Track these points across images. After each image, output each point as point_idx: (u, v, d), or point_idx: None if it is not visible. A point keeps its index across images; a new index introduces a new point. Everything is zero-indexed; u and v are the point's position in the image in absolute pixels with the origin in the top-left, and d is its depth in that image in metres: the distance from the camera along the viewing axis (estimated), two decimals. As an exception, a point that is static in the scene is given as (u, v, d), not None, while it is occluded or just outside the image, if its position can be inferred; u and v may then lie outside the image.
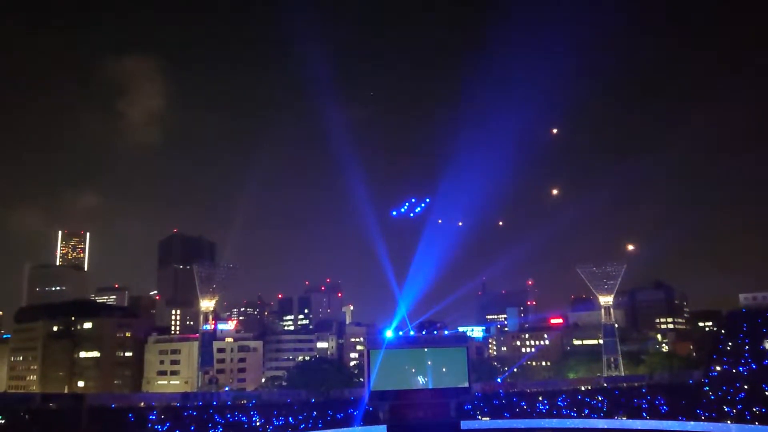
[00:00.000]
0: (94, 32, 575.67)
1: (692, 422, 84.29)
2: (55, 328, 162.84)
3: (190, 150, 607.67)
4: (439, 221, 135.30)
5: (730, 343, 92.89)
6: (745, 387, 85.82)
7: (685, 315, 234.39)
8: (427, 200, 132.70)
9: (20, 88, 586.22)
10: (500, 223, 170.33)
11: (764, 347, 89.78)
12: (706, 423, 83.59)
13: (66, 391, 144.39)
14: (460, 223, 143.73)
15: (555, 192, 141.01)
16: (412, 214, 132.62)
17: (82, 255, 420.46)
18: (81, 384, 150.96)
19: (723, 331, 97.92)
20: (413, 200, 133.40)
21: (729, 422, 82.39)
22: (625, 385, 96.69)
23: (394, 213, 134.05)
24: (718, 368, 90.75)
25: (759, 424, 79.82)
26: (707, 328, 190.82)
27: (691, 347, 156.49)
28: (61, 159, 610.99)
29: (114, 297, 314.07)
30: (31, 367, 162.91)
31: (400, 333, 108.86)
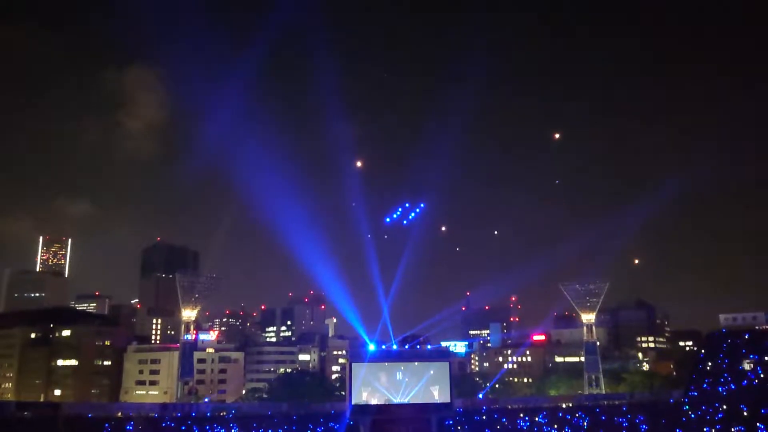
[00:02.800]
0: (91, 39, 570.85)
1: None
2: (32, 335, 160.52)
3: (176, 159, 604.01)
4: (443, 228, 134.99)
5: (710, 363, 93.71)
6: (724, 407, 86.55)
7: (666, 334, 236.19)
8: (422, 206, 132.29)
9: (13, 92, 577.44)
10: (495, 233, 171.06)
11: (743, 368, 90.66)
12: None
13: (42, 399, 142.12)
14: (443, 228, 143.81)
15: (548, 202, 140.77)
16: (405, 221, 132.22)
17: (63, 261, 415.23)
18: (58, 392, 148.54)
19: (703, 351, 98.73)
20: (407, 205, 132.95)
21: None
22: (605, 403, 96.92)
23: (388, 219, 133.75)
24: (698, 388, 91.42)
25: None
26: (687, 348, 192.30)
27: (672, 366, 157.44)
28: (45, 164, 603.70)
29: (94, 305, 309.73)
30: (7, 374, 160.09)
31: (383, 347, 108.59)
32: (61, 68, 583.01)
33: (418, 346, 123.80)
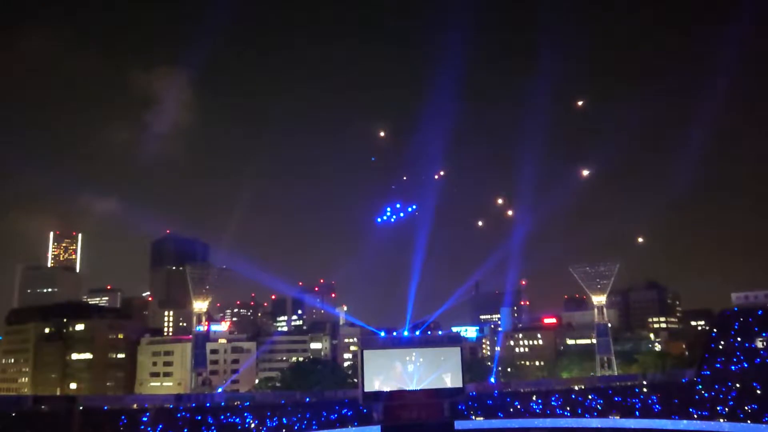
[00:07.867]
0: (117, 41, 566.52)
1: (685, 421, 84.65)
2: (46, 330, 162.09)
3: (184, 151, 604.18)
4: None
5: (722, 342, 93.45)
6: (737, 385, 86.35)
7: (678, 314, 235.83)
8: (413, 207, 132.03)
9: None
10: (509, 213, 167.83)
11: (756, 346, 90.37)
12: (698, 421, 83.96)
13: (58, 393, 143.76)
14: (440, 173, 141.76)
15: (585, 173, 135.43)
16: (393, 219, 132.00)
17: (74, 256, 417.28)
18: (73, 386, 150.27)
19: (715, 330, 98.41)
20: (398, 205, 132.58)
21: (721, 420, 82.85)
22: (618, 384, 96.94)
23: (379, 219, 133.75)
24: (710, 367, 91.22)
25: (751, 422, 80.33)
26: (700, 328, 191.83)
27: (684, 346, 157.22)
28: (56, 159, 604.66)
29: (106, 298, 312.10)
30: (23, 369, 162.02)
31: (394, 333, 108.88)
32: (87, 67, 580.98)
33: (429, 332, 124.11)
